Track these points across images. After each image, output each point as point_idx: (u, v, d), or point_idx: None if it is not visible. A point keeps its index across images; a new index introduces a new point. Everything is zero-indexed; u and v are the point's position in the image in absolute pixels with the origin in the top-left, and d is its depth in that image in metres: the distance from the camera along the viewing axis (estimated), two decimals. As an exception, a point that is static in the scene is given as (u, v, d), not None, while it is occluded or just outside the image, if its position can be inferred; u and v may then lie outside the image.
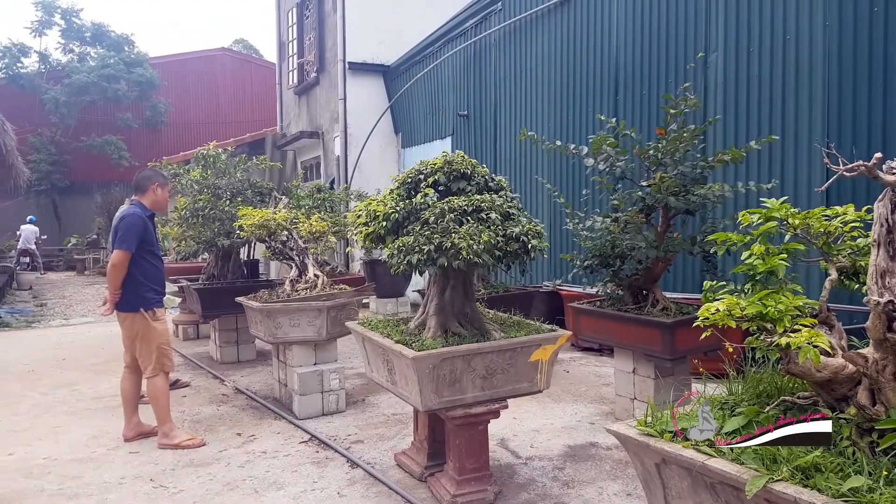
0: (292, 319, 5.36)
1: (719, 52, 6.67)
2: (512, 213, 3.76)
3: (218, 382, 6.69)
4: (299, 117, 16.49)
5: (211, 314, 7.27)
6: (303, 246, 5.95)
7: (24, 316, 12.03)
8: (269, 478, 4.18)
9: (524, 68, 9.62)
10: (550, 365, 3.86)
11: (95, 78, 22.82)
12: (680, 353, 4.70)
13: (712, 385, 2.59)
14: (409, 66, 13.05)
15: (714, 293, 2.23)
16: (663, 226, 4.90)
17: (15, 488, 4.09)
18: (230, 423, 5.33)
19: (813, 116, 5.82)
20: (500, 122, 10.22)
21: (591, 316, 5.22)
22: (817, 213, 2.19)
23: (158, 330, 4.85)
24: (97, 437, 5.03)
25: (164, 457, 4.60)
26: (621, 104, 7.86)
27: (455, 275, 3.82)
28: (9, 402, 6.10)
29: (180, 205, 7.31)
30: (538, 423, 5.15)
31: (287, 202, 6.99)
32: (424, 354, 3.44)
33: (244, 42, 38.29)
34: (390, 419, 5.32)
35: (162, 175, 5.14)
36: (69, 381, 6.79)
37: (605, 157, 4.86)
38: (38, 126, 23.32)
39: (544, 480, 4.07)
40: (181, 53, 28.58)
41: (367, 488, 4.00)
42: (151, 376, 4.81)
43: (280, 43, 17.89)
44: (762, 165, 6.20)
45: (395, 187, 3.99)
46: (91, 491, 4.04)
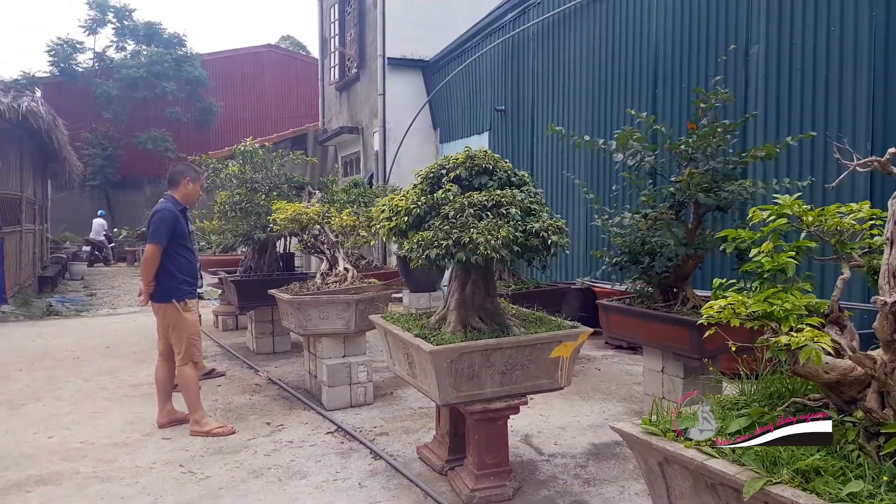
0: (322, 312, 5.42)
1: (761, 45, 6.50)
2: (533, 208, 3.74)
3: (252, 372, 6.82)
4: (340, 113, 16.64)
5: (247, 306, 7.41)
6: (334, 240, 6.01)
7: (75, 305, 12.42)
8: (293, 467, 4.25)
9: (562, 62, 9.53)
10: (572, 362, 3.83)
11: (145, 73, 23.36)
12: (709, 353, 4.61)
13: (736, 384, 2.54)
14: (447, 61, 13.05)
15: (723, 291, 2.19)
16: (694, 223, 4.81)
17: (52, 470, 4.24)
18: (260, 413, 5.42)
19: (857, 112, 5.64)
20: (537, 116, 10.15)
21: (620, 313, 5.16)
22: (832, 210, 2.13)
23: (189, 321, 4.96)
24: (133, 423, 5.18)
25: (195, 444, 4.71)
26: (660, 98, 7.73)
27: (476, 270, 3.81)
28: (54, 387, 6.32)
29: (220, 199, 7.47)
30: (564, 420, 5.12)
31: (321, 197, 7.07)
32: (442, 349, 3.45)
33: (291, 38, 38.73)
34: (416, 413, 5.36)
35: (194, 169, 5.24)
36: (111, 368, 7.00)
37: (633, 153, 4.79)
38: (92, 122, 23.99)
39: (565, 478, 4.05)
40: (228, 50, 29.04)
41: (388, 480, 4.03)
42: (181, 365, 4.93)
43: (322, 39, 18.08)
44: (804, 162, 6.04)
45: (419, 182, 4.01)
46: (123, 475, 4.16)
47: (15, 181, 13.08)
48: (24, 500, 3.81)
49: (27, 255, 13.79)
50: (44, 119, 11.77)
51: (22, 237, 13.18)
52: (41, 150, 14.65)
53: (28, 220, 14.11)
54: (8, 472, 4.20)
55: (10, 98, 11.01)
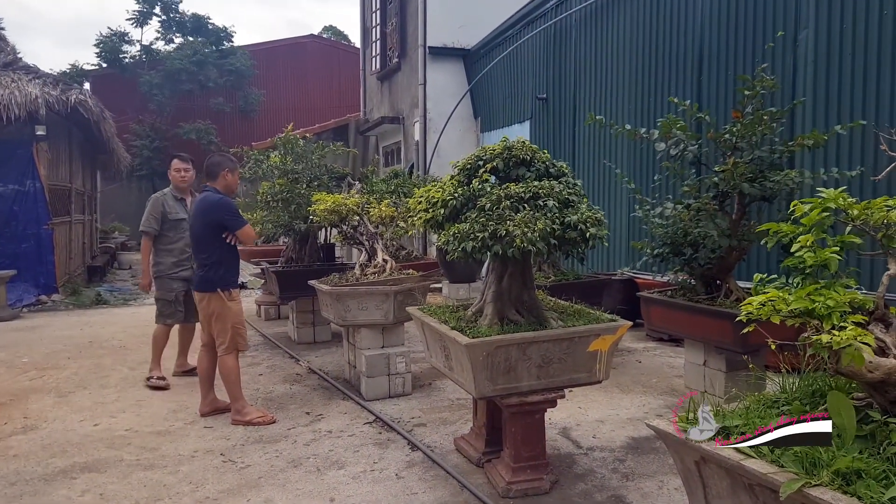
0: (360, 303, 5.46)
1: (809, 30, 6.31)
2: (571, 199, 3.69)
3: (293, 362, 6.91)
4: (381, 103, 16.68)
5: (288, 296, 7.49)
6: (373, 231, 6.04)
7: (122, 294, 12.74)
8: (331, 457, 4.29)
9: (604, 50, 9.39)
10: (610, 355, 3.79)
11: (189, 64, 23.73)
12: (752, 347, 4.51)
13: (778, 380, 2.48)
14: (488, 49, 12.97)
15: (764, 286, 2.13)
16: (738, 213, 4.71)
17: (97, 457, 4.36)
18: (300, 402, 5.49)
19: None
20: (579, 105, 10.03)
21: (662, 306, 5.09)
22: (878, 204, 2.05)
23: (234, 310, 5.03)
24: (176, 412, 5.29)
25: (236, 432, 4.79)
26: (705, 86, 7.57)
27: (513, 262, 3.78)
28: (100, 375, 6.49)
29: (263, 189, 7.56)
30: (603, 413, 5.07)
31: (360, 187, 7.10)
32: (478, 342, 3.44)
33: (333, 28, 38.92)
34: (454, 404, 5.36)
35: (230, 160, 5.29)
36: (168, 354, 7.13)
37: (676, 142, 4.70)
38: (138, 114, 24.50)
39: (603, 472, 4.01)
40: (272, 41, 29.33)
41: (425, 471, 4.04)
42: (223, 355, 5.01)
43: (364, 28, 18.12)
44: (853, 152, 5.85)
45: (455, 174, 3.99)
46: (165, 463, 4.25)
47: (65, 172, 13.43)
48: (70, 487, 3.92)
49: (77, 245, 14.16)
50: (92, 111, 12.05)
51: (72, 227, 13.54)
52: (90, 142, 15.01)
53: (77, 211, 14.47)
54: (55, 459, 4.33)
55: (59, 91, 11.29)
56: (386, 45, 16.13)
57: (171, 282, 6.19)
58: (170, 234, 6.18)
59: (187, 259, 6.11)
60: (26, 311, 10.50)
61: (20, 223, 11.11)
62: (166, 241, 6.19)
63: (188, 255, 6.09)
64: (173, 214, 6.19)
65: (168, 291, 6.20)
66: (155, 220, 6.14)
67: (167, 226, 6.17)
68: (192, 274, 6.10)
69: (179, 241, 6.17)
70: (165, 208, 6.17)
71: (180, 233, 6.16)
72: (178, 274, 6.19)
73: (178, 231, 6.17)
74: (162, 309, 6.26)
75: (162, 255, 6.20)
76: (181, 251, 6.17)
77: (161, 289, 6.21)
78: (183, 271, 6.18)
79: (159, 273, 6.20)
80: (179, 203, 6.30)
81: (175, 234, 6.18)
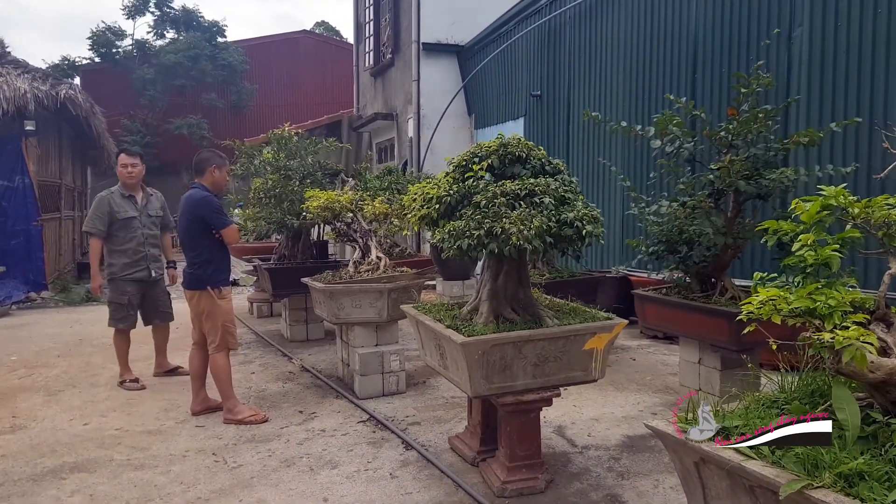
0: (354, 300, 5.42)
1: (804, 27, 6.30)
2: (568, 197, 3.67)
3: (286, 360, 6.86)
4: (375, 99, 16.62)
5: (281, 293, 7.44)
6: (366, 228, 6.00)
7: (113, 291, 12.64)
8: (325, 456, 4.26)
9: (598, 47, 9.37)
10: (606, 353, 3.76)
11: (182, 58, 23.57)
12: (747, 345, 4.50)
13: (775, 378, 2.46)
14: (482, 45, 12.93)
15: (763, 285, 2.10)
16: (733, 211, 4.69)
17: (87, 457, 4.31)
18: (293, 401, 5.45)
19: (905, 95, 5.45)
20: (573, 102, 10.01)
21: (656, 303, 5.06)
22: (879, 202, 2.03)
23: (224, 308, 4.98)
24: (167, 411, 5.24)
25: (228, 431, 4.75)
26: (700, 83, 7.55)
27: (509, 260, 3.75)
28: (90, 373, 6.44)
29: (255, 185, 7.50)
30: (598, 411, 5.06)
31: (354, 184, 7.06)
32: (473, 340, 3.41)
33: (325, 24, 38.76)
34: (449, 402, 5.33)
35: (219, 156, 5.21)
36: (146, 354, 7.05)
37: (672, 139, 4.67)
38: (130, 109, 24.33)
39: (599, 470, 3.99)
40: (264, 36, 29.17)
41: (420, 470, 4.01)
42: (214, 353, 4.96)
43: (357, 24, 18.04)
44: (847, 150, 5.85)
45: (450, 170, 3.95)
46: (156, 462, 4.21)
47: (54, 168, 13.32)
48: (59, 488, 3.87)
49: (67, 241, 14.06)
50: (82, 106, 11.96)
51: (61, 224, 13.44)
52: (80, 138, 14.89)
53: (67, 207, 14.37)
54: (44, 459, 4.28)
55: (49, 86, 11.19)
56: (379, 40, 16.07)
57: (124, 284, 5.92)
58: (120, 234, 5.90)
59: (142, 259, 5.96)
60: (15, 309, 10.41)
61: (9, 219, 11.01)
62: (117, 241, 5.90)
63: (142, 256, 5.96)
64: (122, 213, 5.91)
65: (121, 294, 5.92)
66: (100, 220, 5.83)
67: (116, 226, 5.88)
68: (146, 275, 6.01)
69: (132, 241, 5.92)
70: (112, 207, 5.87)
71: (131, 232, 5.92)
72: (131, 275, 5.93)
73: (129, 230, 5.92)
74: (114, 313, 5.97)
75: (114, 256, 5.92)
76: (134, 251, 5.93)
77: (114, 291, 5.93)
78: (137, 272, 5.95)
79: (112, 275, 5.91)
80: (128, 201, 6.01)
81: (126, 234, 5.91)
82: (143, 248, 5.98)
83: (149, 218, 6.13)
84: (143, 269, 5.99)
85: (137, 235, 5.95)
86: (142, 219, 6.04)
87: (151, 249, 6.08)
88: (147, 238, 6.04)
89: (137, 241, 5.95)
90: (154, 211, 6.21)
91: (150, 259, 6.04)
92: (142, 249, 5.97)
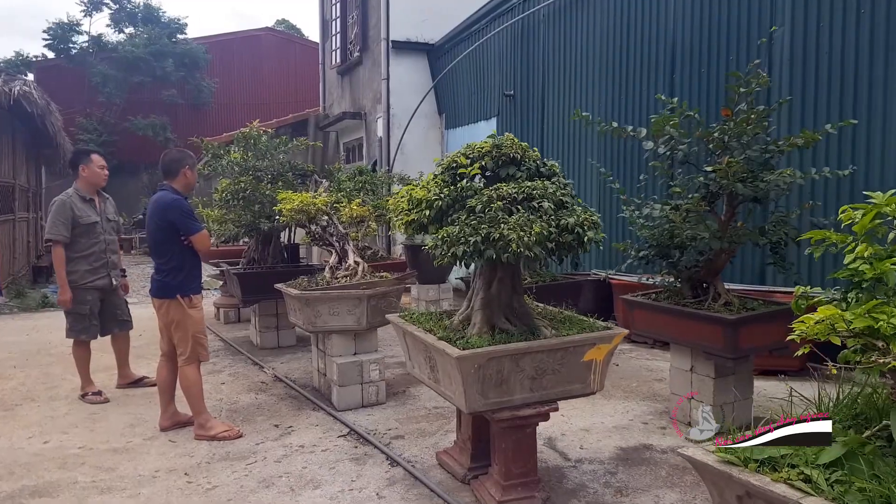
0: (331, 308, 5.17)
1: (785, 27, 6.22)
2: (566, 201, 3.48)
3: (257, 369, 6.57)
4: (342, 98, 16.30)
5: (251, 299, 7.13)
6: (343, 232, 5.74)
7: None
8: (306, 475, 4.01)
9: (574, 46, 9.22)
10: (605, 365, 3.59)
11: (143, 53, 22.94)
12: (743, 352, 4.38)
13: (773, 383, 2.31)
14: (453, 44, 12.71)
15: (807, 300, 1.93)
16: (728, 214, 4.56)
17: (48, 479, 3.99)
18: (268, 414, 5.18)
19: (889, 98, 5.38)
20: (547, 102, 9.85)
21: (647, 309, 4.91)
22: (934, 210, 1.87)
23: (195, 318, 4.70)
24: (133, 426, 4.93)
25: (200, 449, 4.46)
26: (678, 83, 7.44)
27: (503, 267, 3.55)
28: (49, 385, 6.07)
29: (221, 187, 7.17)
30: (588, 421, 4.89)
31: (328, 186, 6.79)
32: (469, 354, 3.20)
33: (286, 22, 38.26)
34: (431, 413, 5.11)
35: (190, 156, 4.93)
36: (109, 364, 6.69)
37: (667, 140, 4.52)
38: (86, 107, 23.60)
39: (595, 486, 3.81)
40: (225, 34, 28.61)
41: (408, 489, 3.79)
42: (183, 366, 4.68)
43: (323, 21, 17.68)
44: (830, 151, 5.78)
45: (439, 172, 3.74)
46: (124, 485, 3.91)
47: (7, 168, 12.78)
48: (19, 515, 3.56)
49: (21, 244, 13.51)
50: (37, 104, 11.47)
51: (15, 226, 12.91)
52: (34, 136, 14.30)
53: (22, 209, 13.83)
54: (1, 483, 3.95)
55: (2, 81, 10.69)
56: (346, 38, 15.74)
57: (84, 293, 5.56)
58: (82, 240, 5.54)
59: (103, 266, 5.64)
60: (-33, 315, 9.90)
61: (-40, 221, 10.49)
62: (79, 247, 5.53)
63: (104, 262, 5.65)
64: (84, 218, 5.56)
65: (82, 304, 5.56)
66: (64, 226, 5.45)
67: (78, 231, 5.52)
68: (108, 283, 5.70)
69: (94, 247, 5.59)
70: (75, 212, 5.51)
71: (93, 238, 5.59)
72: (93, 283, 5.60)
73: (91, 236, 5.59)
74: (74, 323, 5.64)
75: (75, 262, 5.53)
76: (97, 258, 5.60)
77: (74, 301, 5.52)
78: (99, 280, 5.63)
79: (72, 283, 5.51)
80: (88, 204, 5.67)
81: (88, 240, 5.57)
82: (104, 254, 5.65)
83: (108, 223, 5.80)
84: (104, 277, 5.66)
85: (100, 241, 5.62)
86: (102, 223, 5.71)
87: (112, 256, 5.76)
88: (108, 244, 5.71)
89: (100, 248, 5.63)
90: (111, 215, 5.90)
91: (110, 266, 5.72)
92: (104, 256, 5.64)
